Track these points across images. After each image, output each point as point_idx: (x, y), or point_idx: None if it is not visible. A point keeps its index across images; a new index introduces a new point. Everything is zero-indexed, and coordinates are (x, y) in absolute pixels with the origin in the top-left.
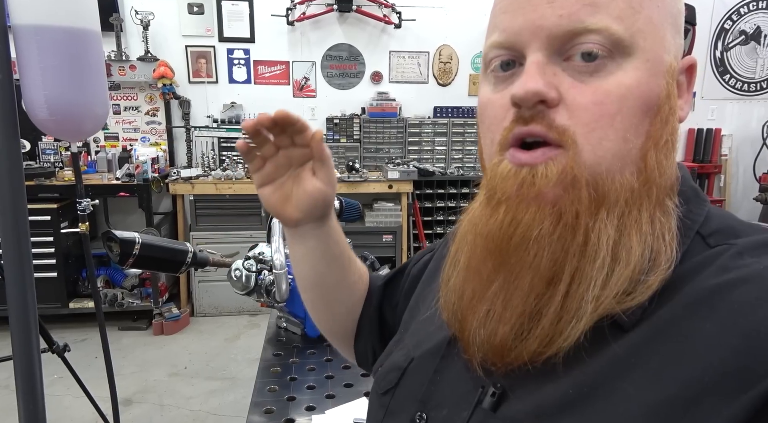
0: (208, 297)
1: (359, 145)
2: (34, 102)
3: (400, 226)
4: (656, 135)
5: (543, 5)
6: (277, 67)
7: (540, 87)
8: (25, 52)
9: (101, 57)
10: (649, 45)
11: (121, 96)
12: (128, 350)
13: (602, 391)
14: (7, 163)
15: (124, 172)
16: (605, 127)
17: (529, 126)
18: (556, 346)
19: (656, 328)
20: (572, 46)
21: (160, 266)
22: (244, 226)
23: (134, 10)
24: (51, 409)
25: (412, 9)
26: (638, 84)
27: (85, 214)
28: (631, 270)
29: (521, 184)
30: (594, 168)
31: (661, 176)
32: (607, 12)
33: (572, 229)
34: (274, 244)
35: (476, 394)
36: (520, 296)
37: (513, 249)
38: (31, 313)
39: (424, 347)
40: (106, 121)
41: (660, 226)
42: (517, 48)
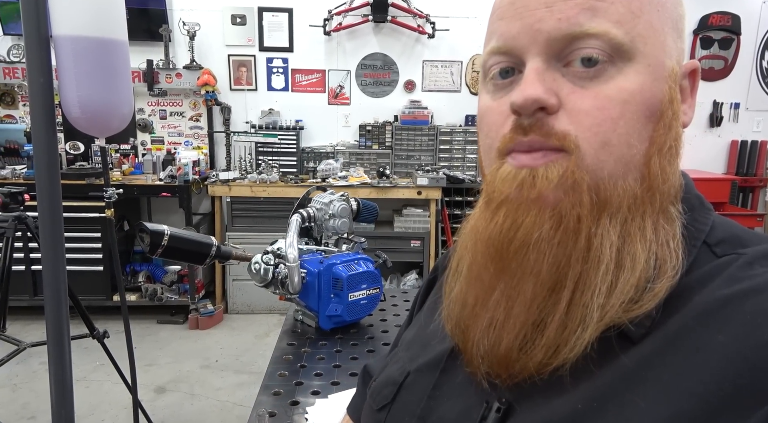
0: (242, 295)
1: (391, 151)
2: (68, 102)
3: (429, 232)
4: (660, 141)
5: (541, 9)
6: (313, 75)
7: (539, 94)
8: (62, 59)
9: (127, 63)
10: (649, 49)
11: (167, 102)
12: (165, 342)
13: (612, 405)
14: (45, 153)
15: (167, 174)
16: (608, 132)
17: (528, 137)
18: (561, 356)
19: (666, 340)
20: (571, 50)
21: (186, 257)
22: (276, 228)
23: (182, 21)
24: (92, 393)
25: (446, 19)
26: (641, 89)
27: (111, 201)
28: (637, 277)
29: (521, 185)
30: (596, 172)
31: (664, 183)
32: (606, 16)
33: (574, 234)
34: (288, 239)
35: (480, 410)
36: (523, 304)
37: (513, 253)
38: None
39: (421, 361)
40: (130, 119)
41: (664, 234)
42: (516, 53)
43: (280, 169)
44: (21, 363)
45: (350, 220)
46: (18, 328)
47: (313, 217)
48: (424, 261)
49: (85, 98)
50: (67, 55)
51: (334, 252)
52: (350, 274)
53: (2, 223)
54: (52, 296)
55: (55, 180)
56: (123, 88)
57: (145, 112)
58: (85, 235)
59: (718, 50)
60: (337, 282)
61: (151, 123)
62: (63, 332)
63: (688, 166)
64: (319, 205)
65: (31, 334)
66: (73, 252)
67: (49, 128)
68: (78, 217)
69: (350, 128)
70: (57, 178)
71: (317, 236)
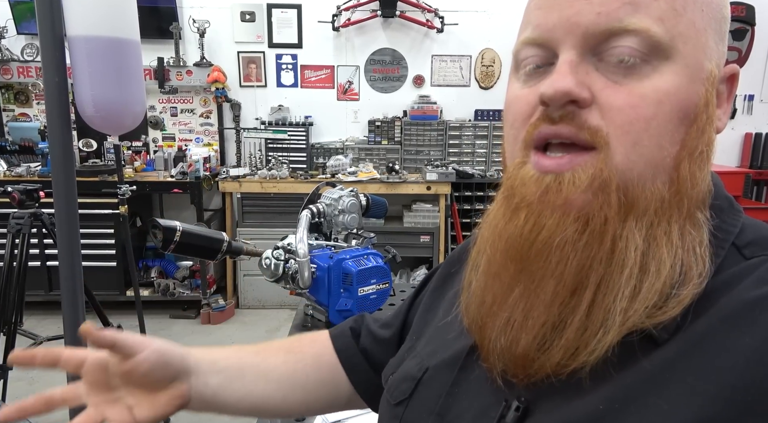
0: (253, 290)
1: (400, 147)
2: (83, 101)
3: (438, 227)
4: (691, 145)
5: (581, 1)
6: (322, 71)
7: (571, 86)
8: (77, 59)
9: (140, 63)
10: (689, 50)
11: (178, 99)
12: (178, 337)
13: (635, 407)
14: (61, 151)
15: (179, 171)
16: (640, 132)
17: (557, 126)
18: (581, 358)
19: (691, 342)
20: (608, 47)
21: (198, 252)
22: (286, 223)
23: (192, 19)
24: None
25: (455, 13)
26: (676, 89)
27: (125, 197)
28: (662, 283)
29: (545, 191)
30: (625, 173)
31: (693, 188)
32: (647, 12)
33: (600, 236)
34: (298, 235)
35: (499, 409)
36: (543, 305)
37: (534, 255)
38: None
39: (440, 357)
40: (142, 118)
41: (690, 239)
42: (550, 45)
43: (290, 165)
44: None
45: (359, 216)
46: (34, 322)
47: (323, 212)
48: (434, 256)
49: (99, 97)
50: (81, 55)
51: (344, 247)
52: (360, 269)
53: (18, 220)
54: (68, 292)
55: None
56: (136, 86)
57: (156, 110)
58: (98, 232)
59: (731, 41)
60: (347, 277)
61: (162, 120)
62: (79, 326)
63: None
64: (329, 201)
65: (47, 328)
66: (87, 248)
67: (65, 126)
68: (91, 213)
69: (359, 124)
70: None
71: (327, 232)
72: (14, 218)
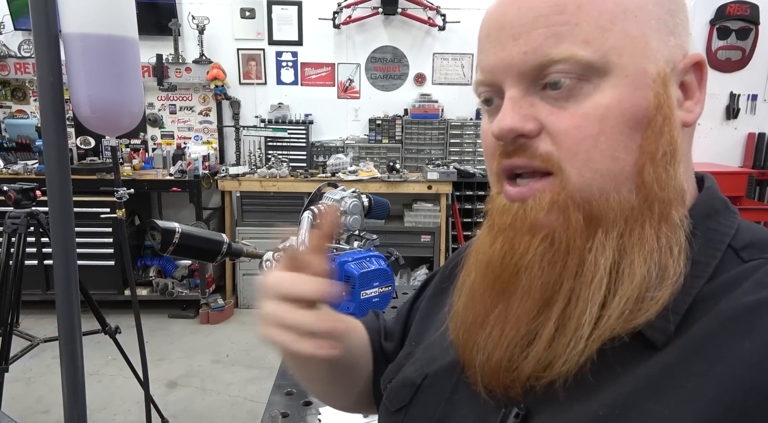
0: (252, 290)
1: (401, 146)
2: (78, 101)
3: (439, 227)
4: (650, 149)
5: (509, 44)
6: (323, 69)
7: (514, 123)
8: (72, 57)
9: (138, 61)
10: (626, 60)
11: (177, 96)
12: (176, 337)
13: (635, 413)
14: (55, 153)
15: (177, 169)
16: (589, 149)
17: (512, 159)
18: (555, 370)
19: (690, 347)
20: (543, 76)
21: (197, 255)
22: (287, 222)
23: (191, 15)
24: (105, 387)
25: (456, 11)
26: (618, 101)
27: (122, 201)
28: (636, 288)
29: (514, 219)
30: (584, 190)
31: (662, 190)
32: (571, 39)
33: (565, 253)
34: (300, 238)
35: (498, 416)
36: (515, 321)
37: (508, 276)
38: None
39: (439, 364)
40: (140, 118)
41: (667, 241)
42: (496, 84)
43: (290, 163)
44: (34, 357)
45: (362, 217)
46: (31, 322)
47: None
48: (435, 256)
49: (95, 97)
50: (77, 53)
51: (346, 249)
52: (362, 271)
53: (15, 219)
54: (63, 294)
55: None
56: (133, 86)
57: (155, 107)
58: (96, 230)
59: (735, 41)
60: (349, 280)
61: (161, 118)
62: (75, 329)
63: (703, 159)
64: (331, 202)
65: (44, 328)
66: (84, 247)
67: (59, 128)
68: (89, 211)
69: (360, 122)
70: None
71: None
72: (10, 218)
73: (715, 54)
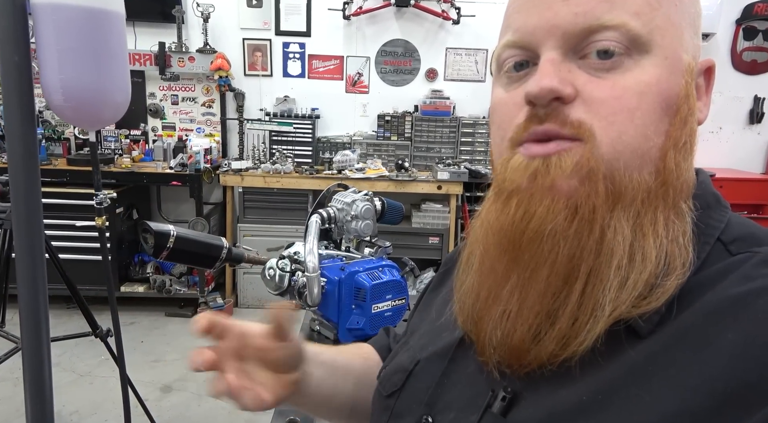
0: (253, 289)
1: (410, 143)
2: (49, 86)
3: (448, 228)
4: (676, 135)
5: (558, 3)
6: (331, 61)
7: (555, 84)
8: (41, 32)
9: (123, 41)
10: (667, 42)
11: (179, 87)
12: (173, 336)
13: (618, 398)
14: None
15: (178, 162)
16: (625, 122)
17: (544, 125)
18: (571, 348)
19: (675, 336)
20: (588, 43)
21: (194, 260)
22: (290, 220)
23: (196, 3)
24: (96, 390)
25: (471, 5)
26: (657, 81)
27: (102, 207)
28: (648, 273)
29: (534, 175)
30: (612, 162)
31: (678, 178)
32: (623, 8)
33: (589, 225)
34: (308, 245)
35: (486, 398)
36: (536, 294)
37: (526, 244)
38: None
39: (431, 349)
40: (126, 109)
41: (674, 230)
42: (532, 47)
43: (295, 159)
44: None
45: (374, 222)
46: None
47: (334, 218)
48: (442, 258)
49: (70, 82)
50: (47, 28)
51: (357, 258)
52: (374, 283)
53: (1, 213)
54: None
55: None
56: (117, 70)
57: (156, 97)
58: (92, 224)
59: (762, 42)
60: (360, 292)
61: (162, 108)
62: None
63: (724, 164)
64: (341, 205)
65: None
66: (79, 240)
67: (26, 117)
68: (85, 204)
69: (368, 118)
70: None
71: (337, 239)
72: None
73: (740, 55)
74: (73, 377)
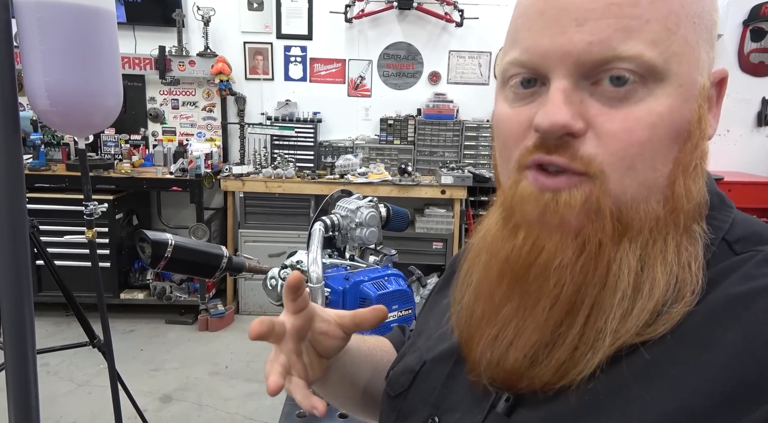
0: (254, 296)
1: (413, 147)
2: (34, 90)
3: (452, 233)
4: (685, 161)
5: (572, 29)
6: (333, 65)
7: (566, 119)
8: (25, 32)
9: (114, 40)
10: (684, 69)
11: (180, 91)
12: (173, 344)
13: (619, 399)
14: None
15: (178, 167)
16: (635, 156)
17: (551, 156)
18: (570, 377)
19: (677, 336)
20: (601, 70)
21: (192, 270)
22: (292, 226)
23: (196, 6)
24: (94, 399)
25: (475, 7)
26: (670, 111)
27: (92, 219)
28: (654, 302)
29: (544, 210)
30: (619, 197)
31: (689, 202)
32: (641, 37)
33: (595, 260)
34: (311, 255)
35: (490, 399)
36: (536, 324)
37: (533, 277)
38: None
39: (437, 350)
40: (117, 115)
41: (687, 255)
42: (541, 71)
43: (296, 163)
44: None
45: (379, 230)
46: None
47: (338, 225)
48: (447, 264)
49: (55, 85)
50: (31, 27)
51: (362, 267)
52: (380, 293)
53: None
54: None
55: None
56: (107, 72)
57: (156, 102)
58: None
59: None
60: (365, 302)
61: (162, 113)
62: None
63: (732, 167)
64: (345, 212)
65: None
66: (78, 247)
67: (9, 122)
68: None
69: (370, 122)
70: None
71: (341, 246)
72: None
73: (747, 57)
74: (71, 387)
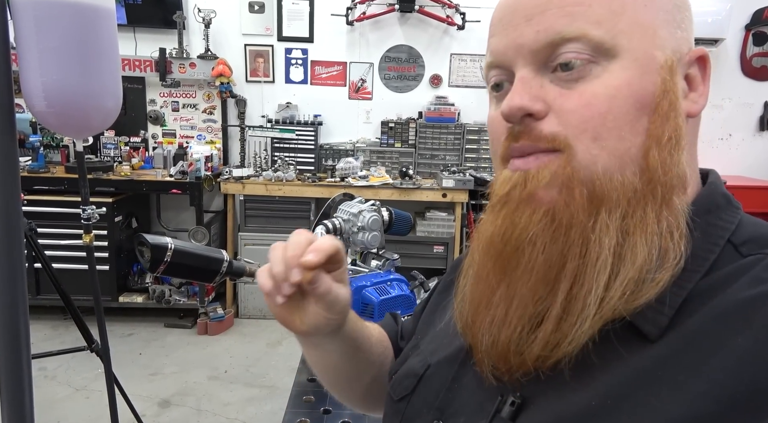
0: (254, 299)
1: (414, 150)
2: (30, 90)
3: (453, 237)
4: (657, 132)
5: (522, 25)
6: (334, 67)
7: (524, 102)
8: (21, 30)
9: (114, 39)
10: (635, 44)
11: (180, 93)
12: (172, 348)
13: (627, 404)
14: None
15: (178, 170)
16: (597, 126)
17: (519, 142)
18: (561, 350)
19: (684, 340)
20: (555, 56)
21: (192, 274)
22: (292, 229)
23: (197, 8)
24: (93, 404)
25: (477, 10)
26: (627, 83)
27: (90, 223)
28: (637, 270)
29: (513, 187)
30: (590, 167)
31: (666, 174)
32: (584, 19)
33: (567, 230)
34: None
35: (494, 403)
36: (520, 300)
37: (511, 253)
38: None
39: (441, 354)
40: (116, 116)
41: (668, 225)
42: (506, 66)
43: (297, 166)
44: None
45: (381, 234)
46: None
47: (340, 229)
48: (448, 268)
49: (53, 85)
50: (28, 25)
51: (364, 271)
52: (382, 298)
53: None
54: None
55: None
56: (106, 72)
57: (156, 104)
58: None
59: None
60: (367, 307)
61: (162, 115)
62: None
63: (734, 172)
64: (347, 216)
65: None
66: (77, 250)
67: (5, 123)
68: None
69: (371, 125)
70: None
71: None
72: None
73: (749, 61)
74: (68, 391)
